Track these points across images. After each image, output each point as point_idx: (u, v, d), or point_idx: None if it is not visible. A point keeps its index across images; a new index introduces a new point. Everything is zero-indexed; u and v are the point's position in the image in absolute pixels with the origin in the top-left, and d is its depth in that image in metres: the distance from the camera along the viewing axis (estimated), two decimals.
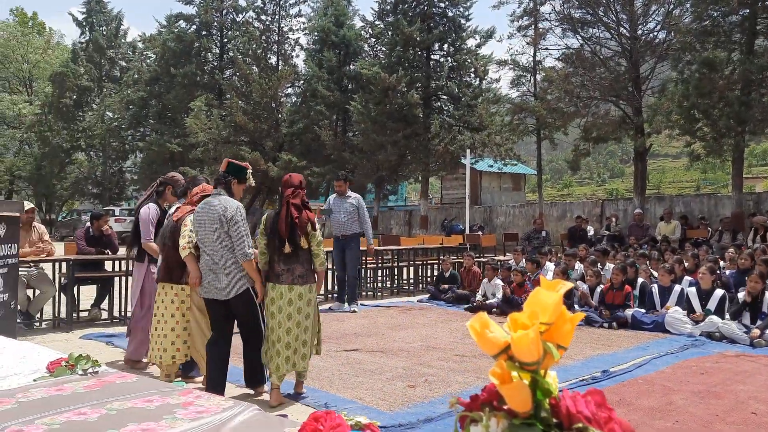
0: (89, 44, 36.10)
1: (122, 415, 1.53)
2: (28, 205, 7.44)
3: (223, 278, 4.23)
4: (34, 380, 1.81)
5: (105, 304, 8.04)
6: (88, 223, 8.24)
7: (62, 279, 7.69)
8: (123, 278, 7.88)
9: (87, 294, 8.18)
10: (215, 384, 4.24)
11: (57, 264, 7.75)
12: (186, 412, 1.58)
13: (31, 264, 7.26)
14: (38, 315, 7.56)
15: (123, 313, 7.86)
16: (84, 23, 36.53)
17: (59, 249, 8.35)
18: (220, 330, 4.38)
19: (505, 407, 0.81)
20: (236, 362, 4.80)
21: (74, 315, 7.55)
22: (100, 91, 35.07)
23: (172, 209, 5.01)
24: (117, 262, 8.25)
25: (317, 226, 4.55)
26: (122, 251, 9.17)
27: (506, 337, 0.80)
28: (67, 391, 1.70)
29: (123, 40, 37.58)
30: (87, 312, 7.96)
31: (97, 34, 35.67)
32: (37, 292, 7.42)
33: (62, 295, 7.55)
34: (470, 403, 0.83)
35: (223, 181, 4.40)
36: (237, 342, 4.56)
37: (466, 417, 0.82)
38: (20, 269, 7.03)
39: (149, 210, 5.47)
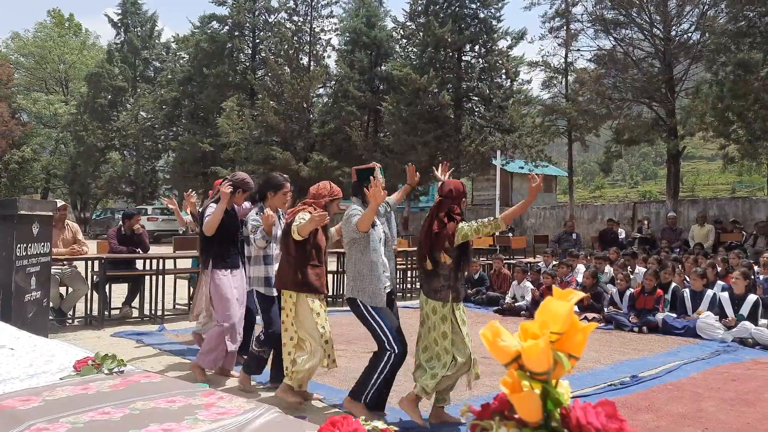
0: (124, 45, 36.71)
1: (145, 415, 1.55)
2: (60, 202, 7.60)
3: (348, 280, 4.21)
4: (61, 379, 1.85)
5: (136, 302, 8.19)
6: (121, 222, 8.40)
7: (94, 277, 7.84)
8: (154, 277, 8.01)
9: (118, 292, 8.33)
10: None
11: (89, 262, 7.90)
12: (207, 413, 1.60)
13: (65, 262, 7.42)
14: (70, 312, 7.72)
15: (153, 311, 7.99)
16: (119, 24, 37.15)
17: (92, 247, 8.50)
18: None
19: (515, 416, 0.81)
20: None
21: (106, 313, 7.70)
22: (134, 92, 35.64)
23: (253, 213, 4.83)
24: (148, 261, 8.38)
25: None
26: (154, 250, 9.32)
27: (518, 346, 0.80)
28: (93, 390, 1.74)
29: (157, 41, 38.13)
30: (118, 310, 8.10)
31: (131, 35, 36.27)
32: (70, 289, 7.58)
33: (94, 293, 7.70)
34: (481, 411, 0.83)
35: (359, 190, 4.28)
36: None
37: (477, 425, 0.82)
38: (53, 267, 7.20)
39: (208, 210, 5.06)
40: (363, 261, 4.09)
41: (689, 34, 17.67)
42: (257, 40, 30.97)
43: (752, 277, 7.99)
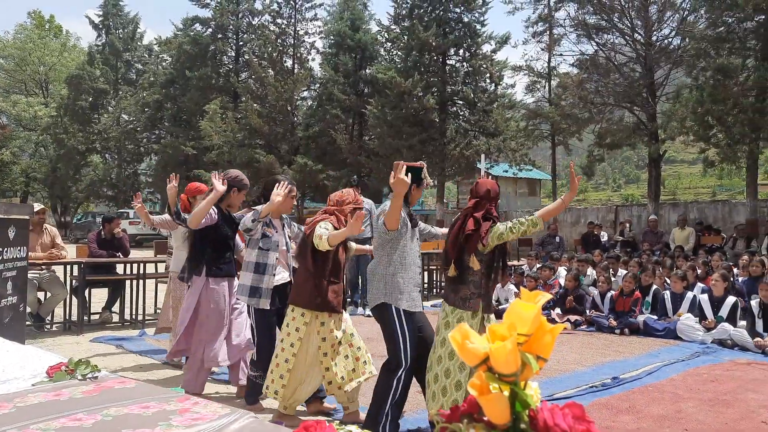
0: (105, 47, 36.45)
1: (117, 421, 1.53)
2: (38, 206, 7.52)
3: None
4: (33, 385, 1.82)
5: (116, 307, 8.11)
6: (101, 226, 8.32)
7: (73, 282, 7.75)
8: (135, 281, 7.94)
9: (98, 297, 8.25)
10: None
11: (68, 267, 7.82)
12: (182, 418, 1.58)
13: (43, 267, 7.33)
14: (49, 317, 7.63)
15: (134, 316, 7.91)
16: (100, 26, 36.88)
17: (71, 252, 8.41)
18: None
19: (485, 419, 0.80)
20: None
21: (85, 318, 7.61)
22: (116, 94, 35.38)
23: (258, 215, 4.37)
24: (129, 265, 8.30)
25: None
26: (135, 254, 9.22)
27: (486, 348, 0.79)
28: (65, 397, 1.71)
29: (139, 43, 37.88)
30: (98, 315, 8.02)
31: (113, 37, 36.00)
32: (48, 294, 7.49)
33: (73, 298, 7.62)
34: (450, 414, 0.82)
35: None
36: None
37: (446, 428, 0.81)
38: (32, 272, 7.11)
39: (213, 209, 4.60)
40: (395, 262, 3.76)
41: (670, 40, 17.90)
42: (241, 43, 30.90)
43: (731, 279, 8.09)
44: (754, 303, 7.27)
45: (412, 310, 3.77)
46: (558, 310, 8.59)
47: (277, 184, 4.43)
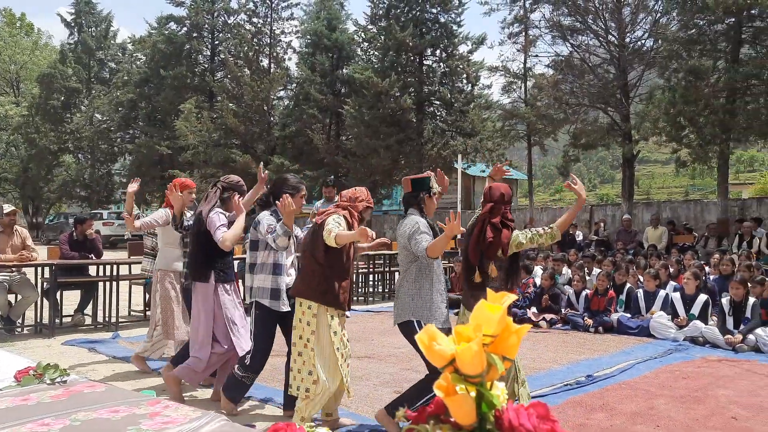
0: (78, 45, 35.91)
1: (86, 425, 1.51)
2: (8, 207, 7.38)
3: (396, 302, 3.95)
4: (0, 389, 1.79)
5: (89, 310, 8.00)
6: (73, 228, 8.20)
7: (45, 284, 7.63)
8: (108, 283, 7.83)
9: (71, 299, 8.12)
10: None
11: (40, 269, 7.68)
12: (152, 422, 1.57)
13: (13, 269, 7.20)
14: (20, 320, 7.50)
15: (107, 319, 7.80)
16: (73, 24, 36.33)
17: (42, 253, 8.27)
18: None
19: (451, 420, 0.81)
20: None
21: (57, 321, 7.49)
22: (89, 93, 34.88)
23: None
24: (102, 267, 8.19)
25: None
26: (109, 255, 9.10)
27: (452, 350, 0.80)
28: (33, 401, 1.68)
29: (112, 42, 37.38)
30: (70, 318, 7.90)
31: (86, 35, 35.49)
32: (19, 297, 7.36)
33: (45, 301, 7.49)
34: (417, 416, 0.83)
35: (414, 201, 4.03)
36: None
37: (412, 429, 0.82)
38: (2, 274, 6.99)
39: (219, 215, 4.53)
40: (422, 279, 3.84)
41: (643, 41, 18.10)
42: (216, 42, 30.66)
43: (703, 277, 8.23)
44: (724, 301, 7.40)
45: (440, 327, 3.74)
46: (534, 309, 8.66)
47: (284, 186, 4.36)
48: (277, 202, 4.19)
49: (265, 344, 4.29)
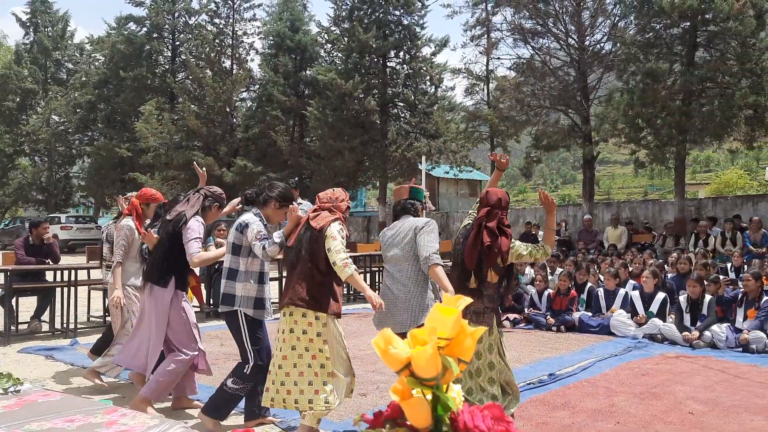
0: (34, 45, 35.03)
1: None
2: None
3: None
4: None
5: (46, 316, 7.80)
6: (28, 232, 7.99)
7: None
8: (65, 288, 7.65)
9: (27, 305, 7.91)
10: None
11: None
12: (109, 431, 1.54)
13: None
14: None
15: (65, 325, 7.62)
16: (28, 24, 35.41)
17: None
18: None
19: (407, 423, 0.81)
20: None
21: (12, 328, 7.29)
22: (46, 94, 34.03)
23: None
24: (59, 272, 7.99)
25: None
26: (68, 260, 8.87)
27: (408, 353, 0.80)
28: None
29: (70, 42, 36.54)
30: (26, 324, 7.69)
31: (42, 35, 34.62)
32: None
33: None
34: (374, 420, 0.83)
35: (411, 208, 4.10)
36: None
37: None
38: None
39: (200, 225, 4.41)
40: (427, 282, 3.89)
41: (602, 45, 18.44)
42: (177, 43, 30.21)
43: (661, 276, 8.42)
44: (682, 298, 7.59)
45: None
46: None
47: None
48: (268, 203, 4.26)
49: (265, 353, 4.10)
